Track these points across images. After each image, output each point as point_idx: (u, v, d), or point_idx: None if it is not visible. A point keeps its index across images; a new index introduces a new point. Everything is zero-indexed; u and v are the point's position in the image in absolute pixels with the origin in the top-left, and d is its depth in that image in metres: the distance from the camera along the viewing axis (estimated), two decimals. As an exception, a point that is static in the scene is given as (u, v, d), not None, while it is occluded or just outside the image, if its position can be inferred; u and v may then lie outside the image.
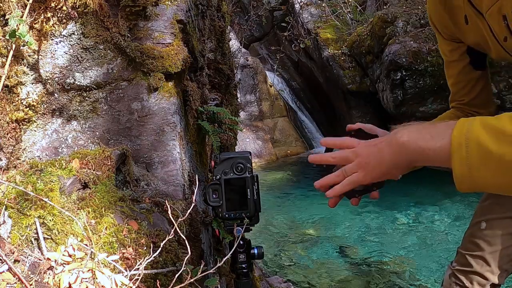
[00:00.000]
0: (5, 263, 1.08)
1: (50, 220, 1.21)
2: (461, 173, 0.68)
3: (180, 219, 1.23)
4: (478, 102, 1.39)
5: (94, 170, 1.37)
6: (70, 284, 1.10)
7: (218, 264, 1.17)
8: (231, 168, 1.28)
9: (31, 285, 1.08)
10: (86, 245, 1.19)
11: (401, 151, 0.77)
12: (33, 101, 1.46)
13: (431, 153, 0.72)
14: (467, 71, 1.35)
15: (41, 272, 1.12)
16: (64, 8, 1.43)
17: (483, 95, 1.39)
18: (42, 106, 1.48)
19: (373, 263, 4.08)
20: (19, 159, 1.42)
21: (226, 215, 1.28)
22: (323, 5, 9.56)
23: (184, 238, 1.20)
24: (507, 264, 1.43)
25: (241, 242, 1.27)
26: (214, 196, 1.27)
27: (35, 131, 1.48)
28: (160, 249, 1.20)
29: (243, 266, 1.28)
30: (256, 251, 1.32)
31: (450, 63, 1.39)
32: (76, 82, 1.50)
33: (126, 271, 1.19)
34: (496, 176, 0.66)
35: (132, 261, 1.22)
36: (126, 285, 1.14)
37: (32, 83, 1.46)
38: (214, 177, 1.30)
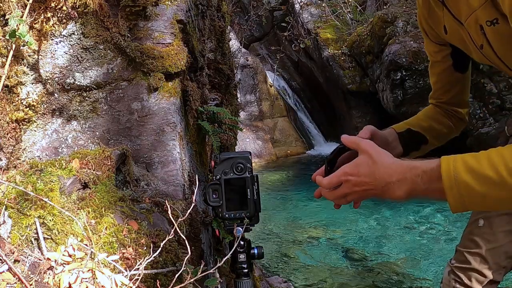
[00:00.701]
0: (5, 263, 1.08)
1: (50, 220, 1.21)
2: (456, 206, 0.86)
3: (180, 219, 1.23)
4: (455, 101, 1.46)
5: (94, 170, 1.37)
6: (70, 284, 1.10)
7: (218, 264, 1.17)
8: (231, 168, 1.28)
9: (31, 285, 1.08)
10: (86, 245, 1.19)
11: (389, 196, 0.94)
12: (33, 101, 1.45)
13: (429, 194, 0.90)
14: (449, 73, 1.42)
15: (41, 272, 1.12)
16: (64, 8, 1.43)
17: (460, 96, 1.46)
18: (42, 106, 1.48)
19: (374, 263, 4.08)
20: (19, 159, 1.42)
21: (226, 215, 1.27)
22: (323, 5, 9.55)
23: (184, 238, 1.20)
24: (504, 261, 1.43)
25: (241, 242, 1.27)
26: (214, 196, 1.27)
27: (35, 131, 1.48)
28: (160, 249, 1.20)
29: (243, 266, 1.27)
30: (256, 251, 1.31)
31: (434, 63, 1.46)
32: (76, 82, 1.50)
33: (126, 271, 1.19)
34: (483, 206, 0.87)
35: (132, 261, 1.22)
36: (126, 285, 1.14)
37: (32, 83, 1.46)
38: (214, 177, 1.29)
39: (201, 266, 1.13)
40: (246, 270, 1.27)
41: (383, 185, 0.93)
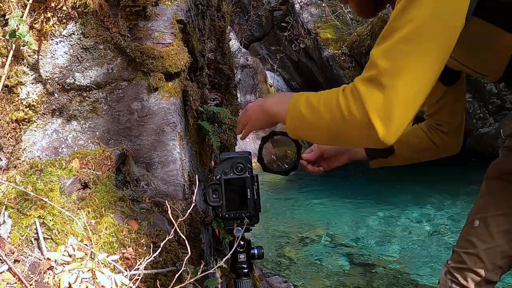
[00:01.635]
0: (5, 263, 1.08)
1: (50, 220, 1.21)
2: (290, 127, 1.12)
3: (180, 219, 1.23)
4: (440, 118, 1.45)
5: (94, 170, 1.37)
6: (70, 284, 1.10)
7: (218, 264, 1.17)
8: (231, 168, 1.29)
9: (31, 285, 1.08)
10: (86, 245, 1.19)
11: (265, 112, 1.23)
12: (33, 101, 1.46)
13: (278, 116, 1.17)
14: (435, 85, 1.38)
15: (41, 272, 1.12)
16: (64, 8, 1.43)
17: (444, 111, 1.43)
18: (42, 106, 1.48)
19: (374, 263, 4.08)
20: (19, 159, 1.42)
21: (226, 215, 1.28)
22: (323, 5, 9.54)
23: (184, 238, 1.20)
24: (501, 261, 1.43)
25: (241, 242, 1.27)
26: (214, 196, 1.27)
27: (35, 131, 1.48)
28: (160, 249, 1.20)
29: (243, 266, 1.28)
30: (256, 251, 1.31)
31: None
32: (76, 82, 1.50)
33: (126, 271, 1.19)
34: (307, 130, 1.10)
35: (132, 261, 1.23)
36: (126, 285, 1.14)
37: (32, 83, 1.46)
38: (214, 177, 1.30)
39: (201, 266, 1.13)
40: (246, 270, 1.28)
41: (262, 101, 1.25)
